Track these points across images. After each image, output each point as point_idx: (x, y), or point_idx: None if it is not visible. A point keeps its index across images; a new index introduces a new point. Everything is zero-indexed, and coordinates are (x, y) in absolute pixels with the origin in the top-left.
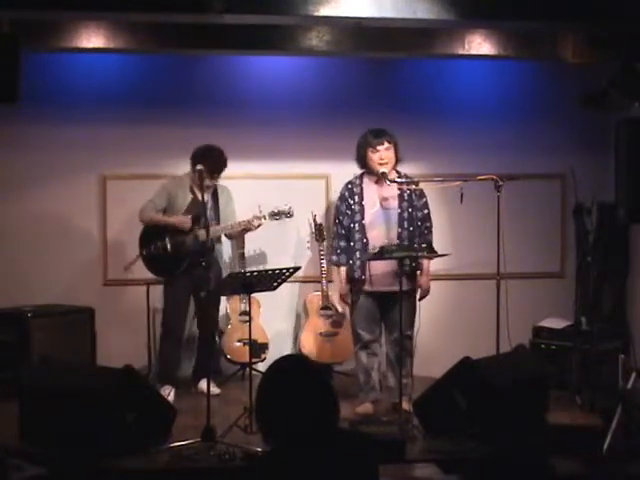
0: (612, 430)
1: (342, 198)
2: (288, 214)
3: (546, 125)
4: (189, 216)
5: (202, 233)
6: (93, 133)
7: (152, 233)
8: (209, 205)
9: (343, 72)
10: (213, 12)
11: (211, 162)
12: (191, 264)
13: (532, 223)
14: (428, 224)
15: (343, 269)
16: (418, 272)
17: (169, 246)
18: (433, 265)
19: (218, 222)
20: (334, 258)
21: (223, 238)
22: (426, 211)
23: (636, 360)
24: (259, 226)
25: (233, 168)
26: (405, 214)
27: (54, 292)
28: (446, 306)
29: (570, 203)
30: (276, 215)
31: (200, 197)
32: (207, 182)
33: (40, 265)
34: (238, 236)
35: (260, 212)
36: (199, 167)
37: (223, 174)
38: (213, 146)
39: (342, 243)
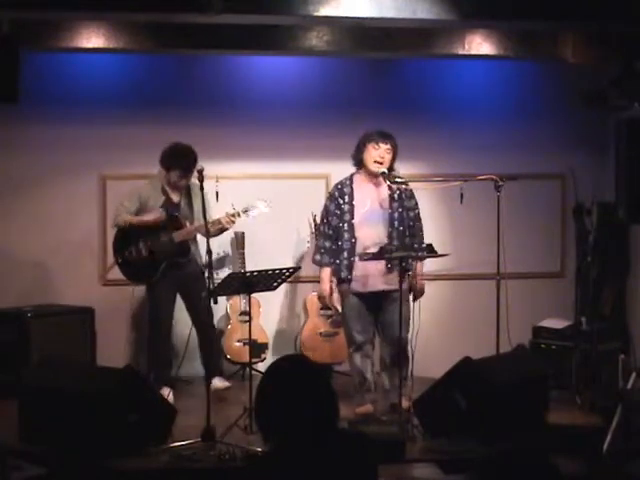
0: (612, 430)
1: (331, 198)
2: (263, 207)
3: (546, 125)
4: (160, 210)
5: (177, 234)
6: (93, 133)
7: (125, 238)
8: (182, 205)
9: (343, 72)
10: (213, 12)
11: (184, 162)
12: (168, 267)
13: (532, 223)
14: (419, 224)
15: (326, 269)
16: (409, 273)
17: (144, 250)
18: (434, 265)
19: (192, 222)
20: (317, 257)
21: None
22: (417, 211)
23: (636, 360)
24: (233, 223)
25: (233, 168)
26: (395, 214)
27: (54, 292)
28: (446, 306)
29: (570, 203)
30: (249, 210)
31: (173, 198)
32: (183, 182)
33: (40, 265)
34: (214, 235)
35: (233, 209)
36: (199, 167)
37: (224, 173)
38: (182, 145)
39: (327, 243)
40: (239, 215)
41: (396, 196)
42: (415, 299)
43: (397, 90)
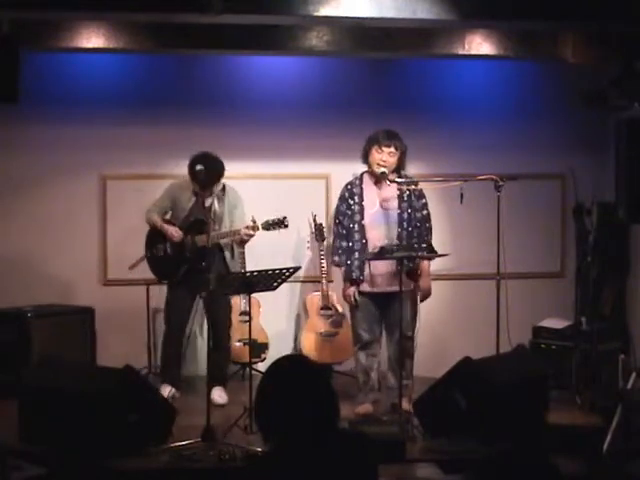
0: (612, 430)
1: (342, 198)
2: (283, 224)
3: (546, 125)
4: (179, 231)
5: (200, 238)
6: (93, 133)
7: (156, 235)
8: (213, 208)
9: (343, 72)
10: (213, 12)
11: (201, 179)
12: (191, 269)
13: (532, 223)
14: (428, 225)
15: (344, 269)
16: (418, 272)
17: (169, 250)
18: (434, 265)
19: (221, 226)
20: (336, 259)
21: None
22: (425, 212)
23: (636, 360)
24: (252, 236)
25: (233, 168)
26: (405, 215)
27: (54, 292)
28: (446, 306)
29: (570, 203)
30: (270, 226)
31: (204, 201)
32: (205, 193)
33: (40, 265)
34: (240, 244)
35: (253, 223)
36: (199, 167)
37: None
38: (207, 157)
39: (343, 243)
40: (258, 229)
41: (405, 196)
42: (422, 300)
43: (397, 90)
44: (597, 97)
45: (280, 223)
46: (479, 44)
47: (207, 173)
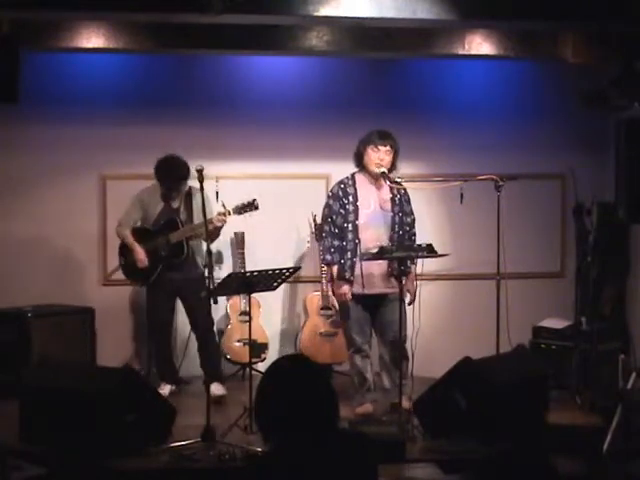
0: (612, 430)
1: (335, 197)
2: (253, 206)
3: (546, 125)
4: (146, 262)
5: (174, 235)
6: (93, 133)
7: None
8: (182, 209)
9: (343, 72)
10: (213, 12)
11: (168, 180)
12: (165, 268)
13: (532, 223)
14: (414, 230)
15: (337, 268)
16: (408, 275)
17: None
18: (434, 265)
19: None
20: (328, 257)
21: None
22: (413, 217)
23: (636, 360)
24: (224, 222)
25: (233, 168)
26: (396, 218)
27: (54, 292)
28: (446, 306)
29: (570, 203)
30: (241, 209)
31: (172, 203)
32: (173, 194)
33: (40, 265)
34: (213, 236)
35: (224, 208)
36: (199, 167)
37: (224, 173)
38: (170, 161)
39: (335, 242)
40: (230, 213)
41: (397, 200)
42: (411, 303)
43: (397, 90)
44: (597, 97)
45: (250, 206)
46: (479, 44)
47: (171, 176)
